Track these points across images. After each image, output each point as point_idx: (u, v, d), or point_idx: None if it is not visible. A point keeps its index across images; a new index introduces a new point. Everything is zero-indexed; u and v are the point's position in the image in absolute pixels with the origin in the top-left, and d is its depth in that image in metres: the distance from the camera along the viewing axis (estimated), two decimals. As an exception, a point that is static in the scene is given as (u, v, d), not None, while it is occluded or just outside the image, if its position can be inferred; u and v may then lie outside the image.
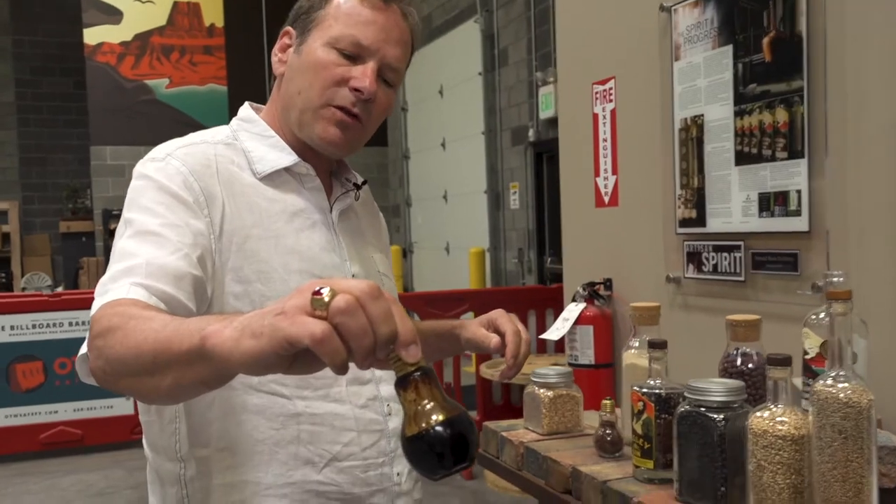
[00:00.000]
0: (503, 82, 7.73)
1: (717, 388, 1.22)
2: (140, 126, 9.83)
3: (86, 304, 5.95)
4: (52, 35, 11.69)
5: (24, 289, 10.16)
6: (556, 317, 2.45)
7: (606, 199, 2.36)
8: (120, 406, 5.50)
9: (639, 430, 1.37)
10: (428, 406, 0.72)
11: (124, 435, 5.35)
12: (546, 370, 1.70)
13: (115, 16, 10.01)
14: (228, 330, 0.73)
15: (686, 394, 1.26)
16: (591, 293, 2.34)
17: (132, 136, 9.78)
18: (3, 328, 5.42)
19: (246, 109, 1.28)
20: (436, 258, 9.28)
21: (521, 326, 1.33)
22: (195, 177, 1.12)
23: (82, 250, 10.62)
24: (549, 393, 1.69)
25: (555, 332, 2.33)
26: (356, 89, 1.17)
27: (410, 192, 10.00)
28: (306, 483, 1.14)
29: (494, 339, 1.31)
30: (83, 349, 0.95)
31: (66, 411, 5.49)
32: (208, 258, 1.10)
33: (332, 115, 1.18)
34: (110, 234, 9.77)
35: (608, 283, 2.37)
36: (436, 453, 0.71)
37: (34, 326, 5.47)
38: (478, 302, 5.25)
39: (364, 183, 1.33)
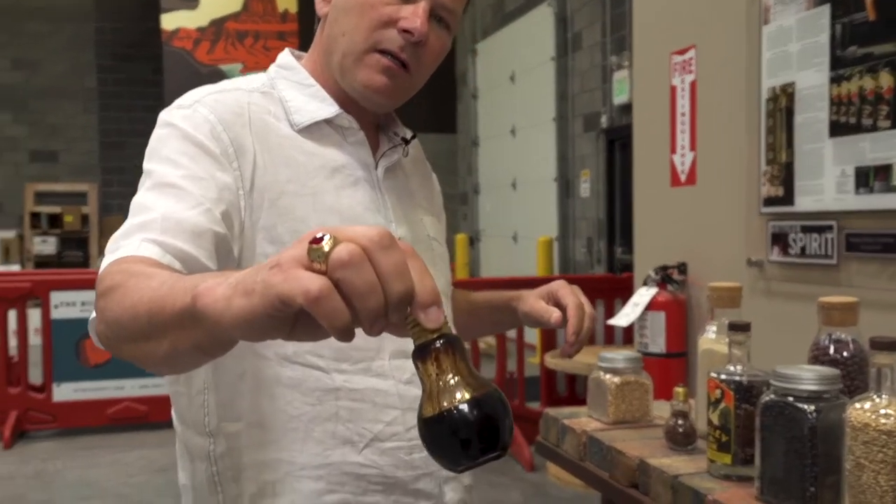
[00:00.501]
0: (576, 67, 7.55)
1: (808, 376, 1.08)
2: (214, 110, 9.91)
3: None
4: (133, 21, 11.92)
5: (99, 267, 10.41)
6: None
7: (683, 177, 2.21)
8: (184, 384, 5.55)
9: (715, 421, 1.23)
10: (451, 382, 0.59)
11: (188, 413, 5.38)
12: (614, 354, 1.58)
13: (191, 1, 10.13)
14: (222, 287, 0.62)
15: (772, 381, 1.12)
16: (664, 277, 2.20)
17: (206, 121, 9.86)
18: (75, 304, 5.51)
19: (286, 56, 1.16)
20: (503, 247, 9.15)
21: (584, 299, 1.20)
22: (224, 126, 1.02)
23: (156, 232, 10.82)
24: (616, 379, 1.56)
25: (624, 318, 2.20)
26: (406, 30, 1.04)
27: (479, 179, 9.89)
28: (345, 464, 1.04)
29: (555, 313, 1.18)
30: (93, 313, 0.87)
31: (132, 387, 5.56)
32: (235, 215, 1.00)
33: (377, 61, 1.06)
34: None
35: (682, 267, 2.22)
36: (459, 439, 0.58)
37: (104, 303, 5.56)
38: (544, 290, 5.11)
39: (413, 137, 1.21)
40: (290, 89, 1.11)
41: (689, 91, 2.16)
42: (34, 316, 5.71)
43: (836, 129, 1.64)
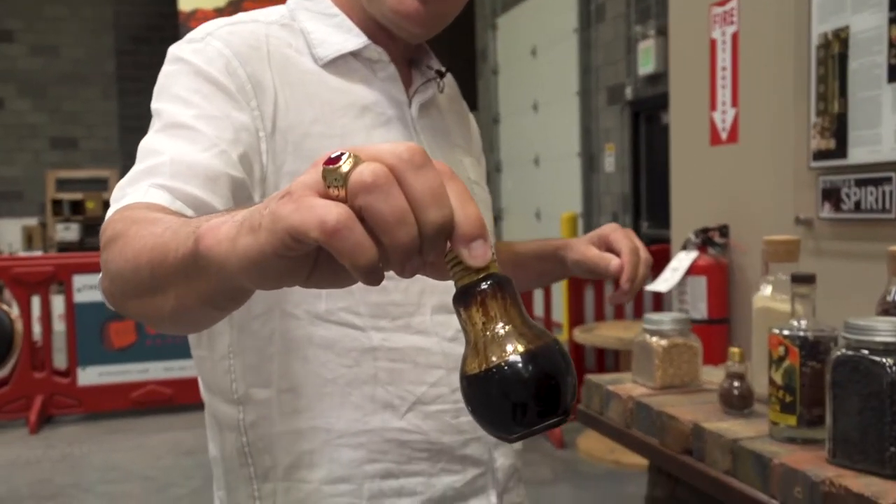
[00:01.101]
0: (600, 39, 7.41)
1: (885, 327, 0.99)
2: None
3: None
4: (151, 4, 11.87)
5: (120, 252, 10.42)
6: (652, 281, 2.21)
7: (724, 135, 2.11)
8: (208, 365, 5.52)
9: (779, 381, 1.14)
10: (501, 331, 0.48)
11: (213, 394, 5.35)
12: (660, 316, 1.49)
13: (208, -18, 10.07)
14: (227, 226, 0.52)
15: (844, 334, 1.03)
16: (705, 240, 2.10)
17: (225, 103, 9.84)
18: (98, 287, 5.48)
19: None
20: (526, 224, 9.05)
21: (639, 243, 1.10)
22: (240, 60, 0.92)
23: (177, 216, 10.83)
24: (664, 342, 1.47)
25: (663, 284, 2.10)
26: None
27: (501, 156, 9.78)
28: (386, 430, 0.95)
29: (614, 261, 1.07)
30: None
31: (156, 370, 5.54)
32: (255, 158, 0.91)
33: None
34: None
35: (724, 230, 2.12)
36: (511, 401, 0.47)
37: (126, 286, 5.53)
38: (571, 265, 5.02)
39: (448, 71, 1.11)
40: (312, 20, 1.01)
41: (730, 44, 2.05)
42: (58, 302, 5.70)
43: (896, 74, 1.54)
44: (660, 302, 4.58)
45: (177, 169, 0.82)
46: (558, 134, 8.15)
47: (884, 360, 0.97)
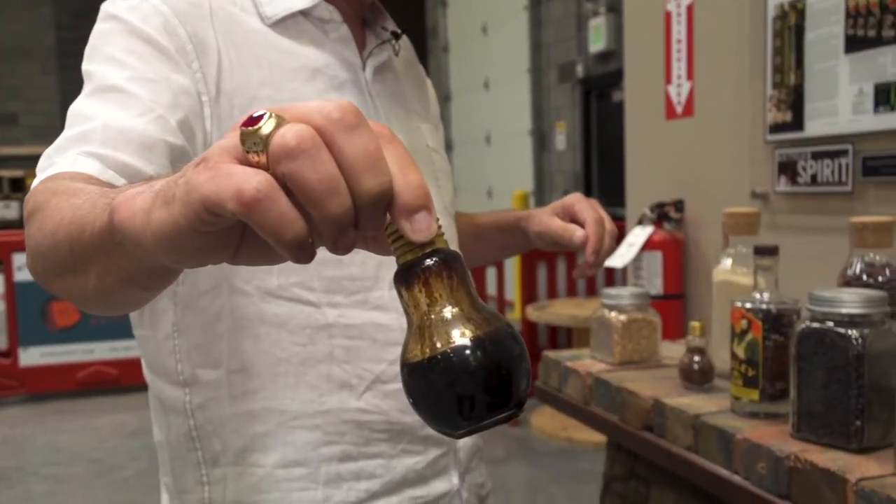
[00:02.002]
0: (550, 16, 7.38)
1: (851, 299, 0.97)
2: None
3: None
4: (91, -24, 11.57)
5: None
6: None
7: (679, 108, 2.09)
8: (155, 346, 5.42)
9: (741, 355, 1.12)
10: (446, 315, 0.43)
11: (160, 375, 5.25)
12: (619, 291, 1.46)
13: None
14: (143, 196, 0.46)
15: (809, 306, 1.01)
16: (661, 215, 2.08)
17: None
18: (38, 266, 5.34)
19: None
20: (478, 202, 9.02)
21: (603, 213, 1.08)
22: (180, 19, 0.86)
23: (122, 193, 10.62)
24: (622, 317, 1.45)
25: (618, 259, 2.08)
26: None
27: (452, 135, 9.72)
28: (343, 411, 0.91)
29: (578, 232, 1.04)
30: None
31: (102, 350, 5.42)
32: (197, 124, 0.84)
33: None
34: (148, 177, 9.70)
35: (679, 205, 2.10)
36: (457, 393, 0.42)
37: (68, 264, 5.39)
38: (524, 242, 5.01)
39: (403, 33, 1.06)
40: None
41: (685, 16, 2.03)
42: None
43: (853, 45, 1.52)
44: (613, 278, 4.59)
45: (108, 135, 0.76)
46: (509, 112, 8.13)
47: (849, 332, 0.95)
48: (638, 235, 2.08)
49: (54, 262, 0.61)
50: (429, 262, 0.43)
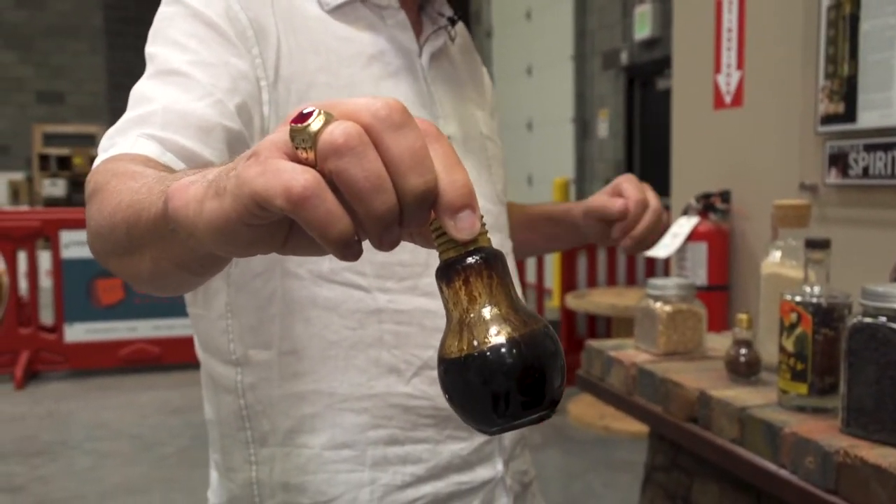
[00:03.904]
0: (595, 3, 7.31)
1: (905, 294, 0.96)
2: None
3: None
4: (139, -44, 11.67)
5: (109, 210, 10.31)
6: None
7: (728, 98, 2.06)
8: (197, 325, 5.49)
9: (790, 348, 1.11)
10: (485, 313, 0.44)
11: (201, 354, 5.32)
12: (664, 281, 1.46)
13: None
14: (196, 185, 0.47)
15: (861, 301, 0.99)
16: (706, 206, 2.06)
17: (214, 59, 9.72)
18: (86, 243, 5.43)
19: None
20: (518, 190, 9.01)
21: (651, 194, 1.07)
22: (242, 4, 0.87)
23: (165, 174, 10.73)
24: (668, 307, 1.44)
25: (663, 249, 2.06)
26: None
27: (493, 120, 9.70)
28: (391, 395, 0.92)
29: (619, 201, 1.05)
30: None
31: (145, 329, 5.51)
32: (255, 109, 0.86)
33: None
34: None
35: (726, 196, 2.08)
36: (492, 391, 0.43)
37: (114, 243, 5.47)
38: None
39: (461, 18, 1.06)
40: None
41: (737, 4, 2.00)
42: (44, 258, 5.64)
43: (911, 36, 1.49)
44: (654, 268, 4.56)
45: (168, 118, 0.78)
46: (552, 99, 8.09)
47: (903, 328, 0.94)
48: (683, 226, 2.06)
49: (112, 244, 0.63)
50: (470, 260, 0.44)
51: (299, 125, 0.42)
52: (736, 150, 2.05)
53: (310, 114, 0.42)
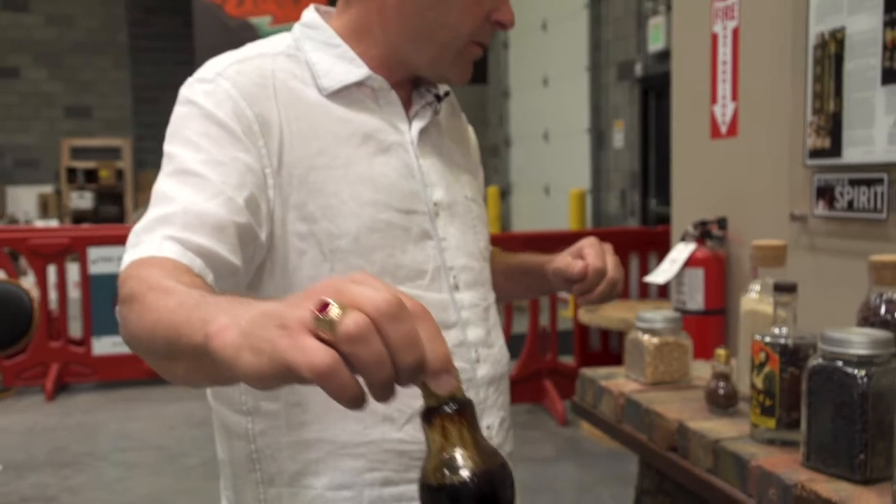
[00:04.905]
0: (610, 14, 7.38)
1: (858, 340, 1.03)
2: (244, 64, 9.91)
3: None
4: (163, -27, 11.86)
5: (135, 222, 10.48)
6: (660, 261, 2.25)
7: (724, 128, 2.14)
8: (221, 339, 5.60)
9: (759, 385, 1.19)
10: (455, 453, 0.59)
11: (226, 367, 5.42)
12: (652, 314, 1.53)
13: (220, -47, 10.04)
14: (232, 333, 0.60)
15: (820, 345, 1.07)
16: (703, 233, 2.14)
17: (237, 74, 9.87)
18: (112, 259, 5.57)
19: (311, 13, 1.09)
20: (535, 199, 9.07)
21: (609, 260, 1.14)
22: (248, 101, 0.97)
23: (189, 186, 10.87)
24: (655, 340, 1.52)
25: (661, 275, 2.14)
26: (499, 23, 1.03)
27: (510, 131, 9.78)
28: (385, 441, 1.01)
29: (578, 265, 1.13)
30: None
31: (170, 342, 5.62)
32: (262, 197, 0.95)
33: (474, 53, 1.05)
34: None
35: (722, 222, 2.15)
36: None
37: (141, 259, 5.59)
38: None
39: (447, 94, 1.14)
40: (317, 50, 1.05)
41: (731, 38, 2.07)
42: (73, 269, 5.78)
43: (889, 77, 1.56)
44: (665, 287, 4.61)
45: (187, 220, 0.88)
46: (568, 109, 8.15)
47: (856, 371, 1.02)
48: (681, 252, 2.14)
49: (151, 350, 0.74)
50: (447, 408, 0.58)
51: (322, 315, 0.54)
52: (731, 179, 2.12)
53: (327, 304, 0.54)
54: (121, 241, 5.56)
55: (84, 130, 12.16)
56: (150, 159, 12.23)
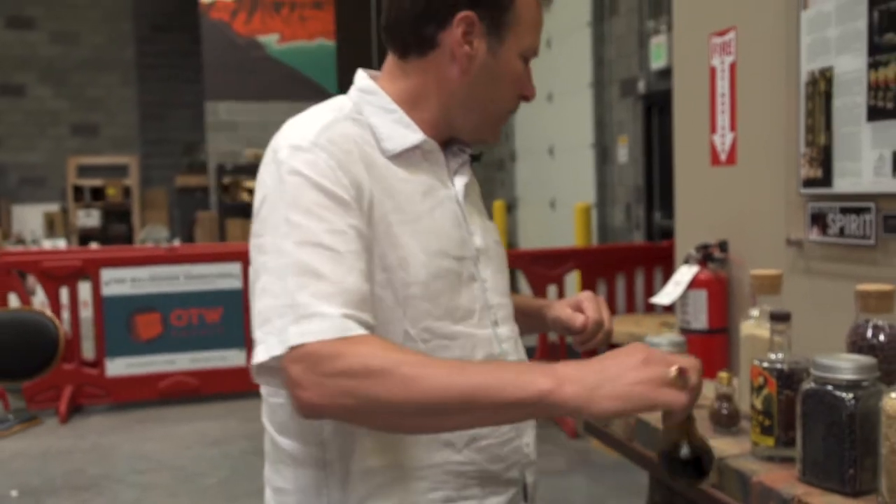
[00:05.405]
0: (613, 32, 7.51)
1: (846, 366, 1.14)
2: (252, 82, 10.04)
3: (200, 258, 6.07)
4: (171, -9, 11.96)
5: (143, 240, 10.56)
6: (665, 276, 2.37)
7: (723, 156, 2.25)
8: (234, 357, 5.69)
9: (759, 406, 1.30)
10: (700, 439, 1.03)
11: (239, 385, 5.54)
12: (659, 339, 1.64)
13: (228, -27, 10.18)
14: (569, 387, 0.89)
15: (812, 370, 1.18)
16: (705, 256, 2.25)
17: (245, 92, 10.00)
18: (125, 280, 5.64)
19: (365, 79, 1.20)
20: (541, 213, 9.18)
21: (606, 315, 1.30)
22: (343, 170, 1.07)
23: (197, 204, 10.97)
24: (661, 362, 1.62)
25: (666, 297, 2.25)
26: (525, 97, 1.21)
27: (515, 146, 9.90)
28: (447, 464, 1.13)
29: (580, 317, 1.29)
30: (262, 356, 0.97)
31: (183, 361, 5.69)
32: (368, 256, 1.07)
33: (506, 120, 1.22)
34: (224, 190, 10.06)
35: (723, 245, 2.26)
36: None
37: (152, 279, 5.67)
38: (584, 260, 5.16)
39: (481, 154, 1.28)
40: (377, 115, 1.16)
41: (728, 72, 2.19)
42: (84, 289, 5.82)
43: (874, 114, 1.67)
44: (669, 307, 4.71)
45: (349, 298, 1.00)
46: (572, 125, 8.26)
47: (844, 394, 1.13)
48: (684, 274, 2.25)
49: (429, 411, 0.94)
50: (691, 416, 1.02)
51: (683, 376, 0.92)
52: (732, 205, 2.23)
53: (682, 370, 0.92)
54: (132, 262, 5.65)
55: (91, 148, 12.23)
56: (157, 176, 12.32)
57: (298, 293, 0.98)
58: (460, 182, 1.21)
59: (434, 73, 1.16)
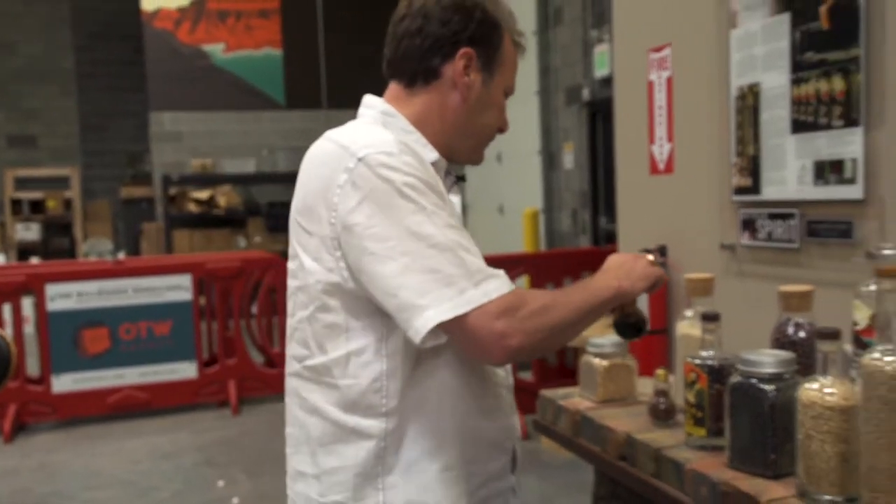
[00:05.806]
0: (558, 42, 7.66)
1: (768, 360, 1.25)
2: (198, 92, 9.97)
3: (149, 271, 5.94)
4: (110, 1, 11.79)
5: (86, 254, 10.35)
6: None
7: (661, 166, 2.37)
8: (184, 370, 5.64)
9: (692, 400, 1.40)
10: (636, 313, 1.35)
11: (189, 398, 5.51)
12: (601, 340, 1.74)
13: (171, -19, 10.11)
14: (625, 282, 1.28)
15: (738, 365, 1.29)
16: (645, 260, 2.36)
17: (190, 102, 9.93)
18: (71, 295, 5.54)
19: (383, 103, 1.34)
20: (490, 219, 9.29)
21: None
22: (423, 167, 1.22)
23: (143, 216, 10.82)
24: (605, 362, 1.73)
25: (609, 299, 2.35)
26: (501, 130, 1.38)
27: (463, 154, 9.98)
28: (482, 430, 1.29)
29: None
30: (445, 315, 1.12)
31: (131, 375, 5.59)
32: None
33: (487, 145, 1.39)
34: (170, 200, 9.96)
35: (663, 250, 2.38)
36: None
37: (100, 293, 5.60)
38: (533, 266, 5.27)
39: (464, 177, 1.45)
40: (401, 135, 1.29)
41: (665, 86, 2.31)
42: (26, 305, 5.69)
43: (797, 127, 1.80)
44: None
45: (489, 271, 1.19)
46: (519, 132, 8.38)
47: (766, 387, 1.24)
48: (626, 278, 2.35)
49: (575, 322, 1.20)
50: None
51: (653, 258, 1.36)
52: (670, 211, 2.35)
53: (650, 253, 1.38)
54: (77, 276, 5.53)
55: (29, 160, 11.95)
56: (99, 188, 12.09)
57: (466, 263, 1.16)
58: (455, 200, 1.34)
59: (437, 100, 1.32)
